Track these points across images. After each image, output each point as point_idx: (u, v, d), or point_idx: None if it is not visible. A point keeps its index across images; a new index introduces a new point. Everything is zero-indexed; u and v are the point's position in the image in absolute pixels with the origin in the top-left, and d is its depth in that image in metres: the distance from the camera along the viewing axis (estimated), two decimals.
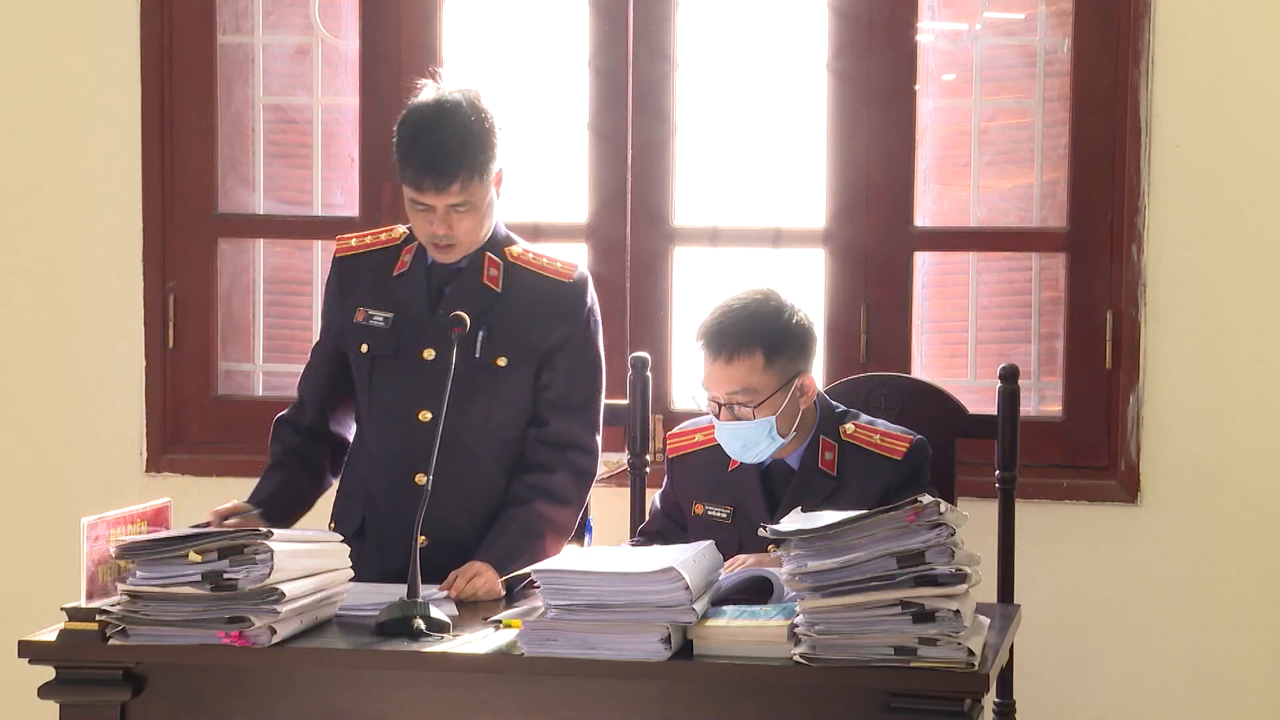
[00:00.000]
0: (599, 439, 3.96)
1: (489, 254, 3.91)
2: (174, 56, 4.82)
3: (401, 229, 3.99)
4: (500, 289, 3.90)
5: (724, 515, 3.85)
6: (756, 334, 3.73)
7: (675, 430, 4.00)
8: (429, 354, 3.86)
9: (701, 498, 3.88)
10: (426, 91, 3.86)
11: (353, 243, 4.02)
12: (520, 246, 3.95)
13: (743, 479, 3.84)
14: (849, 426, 3.83)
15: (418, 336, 3.88)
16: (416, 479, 3.78)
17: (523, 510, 3.84)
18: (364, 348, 3.92)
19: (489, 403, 3.86)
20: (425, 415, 3.82)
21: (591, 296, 3.96)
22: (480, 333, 3.85)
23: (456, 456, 3.81)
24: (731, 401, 3.74)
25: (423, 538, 3.73)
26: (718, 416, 3.77)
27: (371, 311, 3.93)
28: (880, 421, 3.88)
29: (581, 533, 4.00)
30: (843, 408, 3.89)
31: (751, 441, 3.76)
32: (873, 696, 3.16)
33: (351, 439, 4.02)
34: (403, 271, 3.94)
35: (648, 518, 4.03)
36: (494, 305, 3.88)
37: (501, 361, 3.87)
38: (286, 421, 4.01)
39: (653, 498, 4.04)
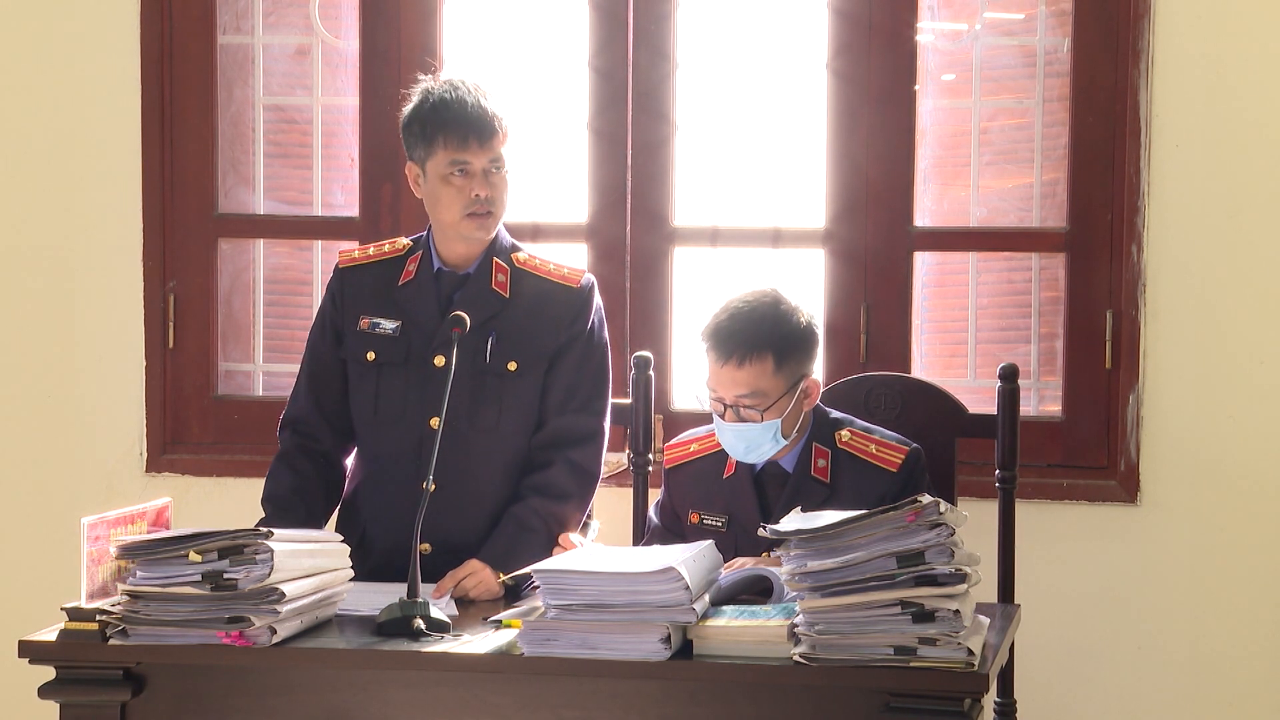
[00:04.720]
0: (604, 435, 3.94)
1: (496, 259, 3.91)
2: (174, 57, 4.81)
3: (404, 241, 3.99)
4: (509, 294, 3.90)
5: (720, 524, 3.83)
6: (767, 338, 3.72)
7: (672, 441, 3.99)
8: (439, 361, 3.84)
9: (697, 506, 3.87)
10: (426, 80, 3.91)
11: (355, 254, 4.01)
12: (525, 253, 3.95)
13: (736, 487, 3.83)
14: (844, 434, 3.81)
15: (428, 344, 3.88)
16: (426, 486, 3.78)
17: (520, 508, 3.84)
18: (370, 355, 3.91)
19: (500, 408, 3.85)
20: (436, 422, 3.76)
21: (597, 301, 3.97)
22: (490, 338, 3.86)
23: (466, 463, 3.82)
24: (739, 404, 3.73)
25: (427, 545, 3.73)
26: (722, 417, 3.76)
27: (378, 319, 3.92)
28: (877, 429, 3.86)
29: (585, 529, 3.98)
30: (837, 413, 3.87)
31: (756, 444, 3.75)
32: (873, 696, 3.16)
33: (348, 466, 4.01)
34: (408, 281, 3.93)
35: (646, 533, 4.00)
36: (503, 311, 3.88)
37: (513, 366, 3.86)
38: (298, 454, 3.94)
39: (649, 511, 4.03)
